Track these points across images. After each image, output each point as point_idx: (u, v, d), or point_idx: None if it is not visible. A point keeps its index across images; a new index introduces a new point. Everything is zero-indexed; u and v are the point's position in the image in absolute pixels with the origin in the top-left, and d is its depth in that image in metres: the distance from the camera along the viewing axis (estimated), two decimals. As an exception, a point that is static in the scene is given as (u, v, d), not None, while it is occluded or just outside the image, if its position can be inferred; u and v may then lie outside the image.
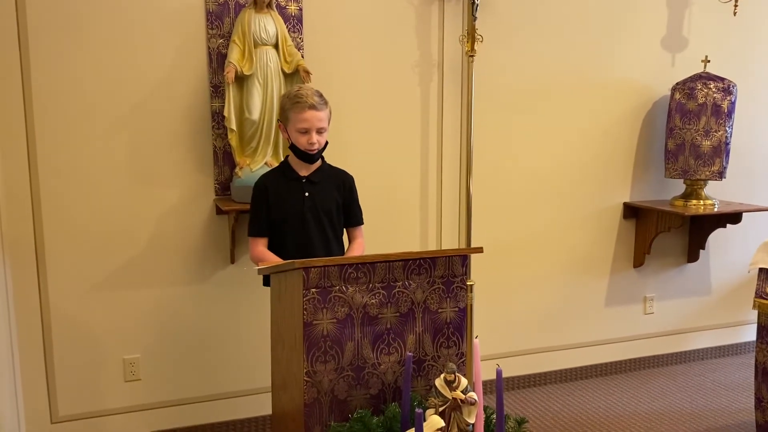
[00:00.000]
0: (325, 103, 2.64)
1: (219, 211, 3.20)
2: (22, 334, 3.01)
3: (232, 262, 3.28)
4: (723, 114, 3.81)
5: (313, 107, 2.57)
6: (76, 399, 3.14)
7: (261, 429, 3.43)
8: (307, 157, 2.65)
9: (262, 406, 3.33)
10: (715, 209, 3.93)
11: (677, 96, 3.89)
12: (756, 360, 3.13)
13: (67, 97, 2.94)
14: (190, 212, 3.19)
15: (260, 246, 2.71)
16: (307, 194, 2.69)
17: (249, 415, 3.41)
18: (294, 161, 2.71)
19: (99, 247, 3.08)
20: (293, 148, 2.65)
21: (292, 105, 2.59)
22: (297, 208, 2.68)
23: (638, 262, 4.16)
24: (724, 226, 4.14)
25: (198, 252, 3.23)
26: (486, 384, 3.61)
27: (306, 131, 2.59)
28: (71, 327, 3.09)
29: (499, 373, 1.90)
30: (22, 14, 2.84)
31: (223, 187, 3.21)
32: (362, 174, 3.47)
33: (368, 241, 3.51)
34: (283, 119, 2.67)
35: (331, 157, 3.40)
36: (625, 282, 4.19)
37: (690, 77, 3.90)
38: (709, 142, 3.83)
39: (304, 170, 2.71)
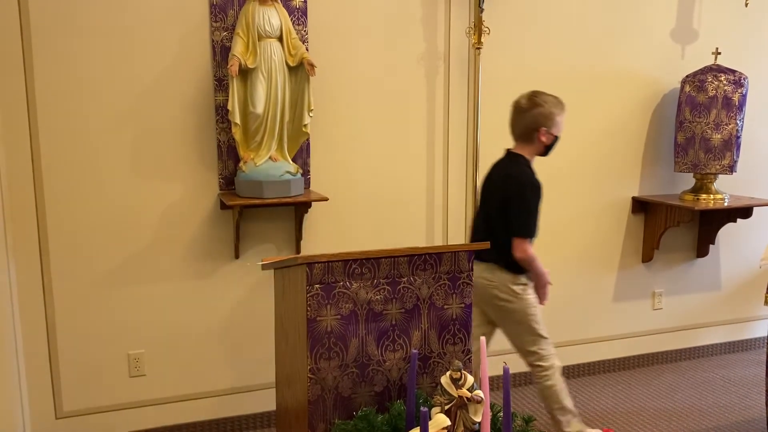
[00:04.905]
0: None
1: (223, 206, 3.17)
2: (27, 330, 3.00)
3: (237, 257, 3.25)
4: (734, 107, 3.76)
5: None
6: (81, 394, 3.13)
7: (266, 425, 3.41)
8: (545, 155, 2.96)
9: (266, 402, 3.32)
10: (726, 204, 3.88)
11: (687, 88, 3.83)
12: (767, 356, 3.09)
13: (69, 91, 2.92)
14: (194, 207, 3.17)
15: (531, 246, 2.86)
16: None
17: (254, 411, 3.40)
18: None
19: (102, 242, 3.06)
20: (547, 149, 2.92)
21: (561, 111, 2.89)
22: None
23: (647, 257, 4.12)
24: (735, 221, 4.09)
25: (202, 247, 3.21)
26: (493, 380, 3.59)
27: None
28: (75, 322, 3.07)
29: (506, 371, 1.87)
30: (24, 6, 2.82)
31: (228, 182, 3.18)
32: (367, 168, 3.46)
33: (374, 237, 3.50)
34: (551, 124, 2.87)
35: (336, 151, 3.39)
36: (634, 277, 4.15)
37: (700, 69, 3.85)
38: (719, 136, 3.78)
39: None
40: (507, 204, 2.85)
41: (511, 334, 3.03)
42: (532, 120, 2.87)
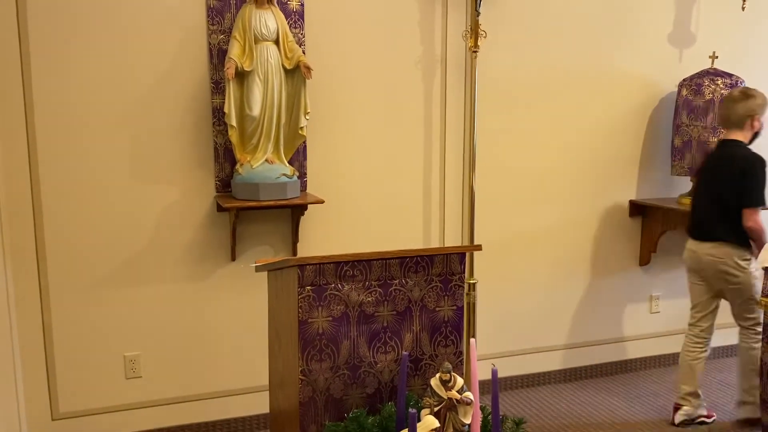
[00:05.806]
0: None
1: (220, 208, 3.18)
2: (23, 331, 3.01)
3: (233, 259, 3.26)
4: (731, 110, 3.76)
5: None
6: (77, 396, 3.14)
7: (261, 427, 3.42)
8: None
9: (261, 404, 3.32)
10: (723, 207, 3.88)
11: (684, 92, 3.84)
12: (761, 360, 3.09)
13: (67, 94, 2.94)
14: (191, 209, 3.18)
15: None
16: None
17: (249, 413, 3.40)
18: None
19: (99, 244, 3.07)
20: (755, 135, 3.31)
21: (767, 103, 3.30)
22: None
23: (644, 261, 4.12)
24: (732, 224, 4.08)
25: (198, 249, 3.22)
26: (485, 384, 3.58)
27: None
28: (72, 324, 3.08)
29: (494, 372, 1.87)
30: (22, 11, 2.83)
31: (224, 184, 3.19)
32: (364, 171, 3.47)
33: (371, 238, 3.50)
34: (761, 112, 3.27)
35: (333, 154, 3.40)
36: (631, 280, 4.15)
37: (697, 73, 3.85)
38: (716, 139, 3.78)
39: None
40: (738, 179, 3.18)
41: (734, 303, 3.40)
42: (747, 108, 3.26)
